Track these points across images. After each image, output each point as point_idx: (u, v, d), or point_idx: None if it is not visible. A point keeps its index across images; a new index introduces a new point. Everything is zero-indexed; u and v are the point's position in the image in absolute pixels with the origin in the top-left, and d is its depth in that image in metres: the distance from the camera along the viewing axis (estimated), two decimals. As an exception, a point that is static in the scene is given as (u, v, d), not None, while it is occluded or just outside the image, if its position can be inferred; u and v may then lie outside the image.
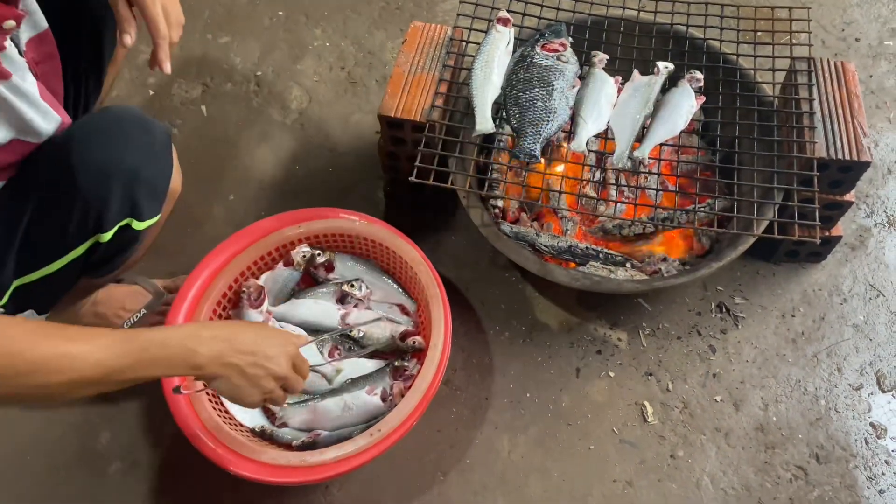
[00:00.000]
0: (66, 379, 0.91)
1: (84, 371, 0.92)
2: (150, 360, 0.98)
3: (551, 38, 1.52)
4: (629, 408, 1.53)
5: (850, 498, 1.43)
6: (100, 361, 0.93)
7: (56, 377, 0.90)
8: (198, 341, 1.03)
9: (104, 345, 0.94)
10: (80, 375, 0.92)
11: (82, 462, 1.47)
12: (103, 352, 0.93)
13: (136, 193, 1.14)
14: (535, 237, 1.59)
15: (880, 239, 1.78)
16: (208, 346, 1.03)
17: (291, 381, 1.16)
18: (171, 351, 1.00)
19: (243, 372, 1.07)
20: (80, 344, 0.93)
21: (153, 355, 0.98)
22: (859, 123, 1.47)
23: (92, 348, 0.93)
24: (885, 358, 1.60)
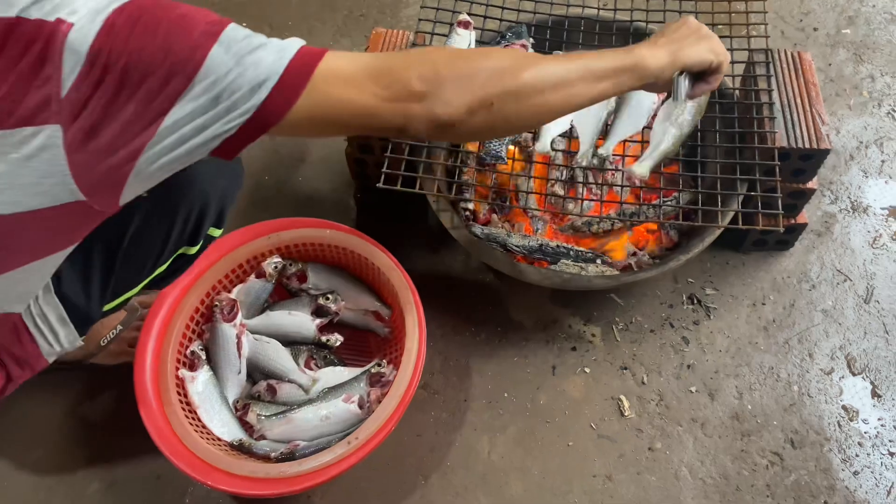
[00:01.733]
0: (589, 95, 0.98)
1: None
2: (643, 67, 1.02)
3: (512, 39, 1.54)
4: (606, 403, 1.55)
5: (826, 481, 1.46)
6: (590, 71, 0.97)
7: (583, 92, 0.96)
8: (644, 59, 1.03)
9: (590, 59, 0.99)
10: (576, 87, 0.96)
11: (62, 483, 1.46)
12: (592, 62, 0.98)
13: (225, 208, 1.27)
14: (507, 238, 1.60)
15: (845, 224, 1.81)
16: (654, 56, 1.04)
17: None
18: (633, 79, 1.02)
19: (694, 53, 1.08)
20: (594, 58, 0.98)
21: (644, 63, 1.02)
22: (818, 112, 1.50)
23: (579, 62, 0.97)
24: (854, 341, 1.63)
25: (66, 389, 1.55)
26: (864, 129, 1.99)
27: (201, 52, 0.76)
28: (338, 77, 0.83)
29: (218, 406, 1.41)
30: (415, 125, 0.87)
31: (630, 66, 1.00)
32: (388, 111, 0.86)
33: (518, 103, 0.91)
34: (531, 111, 0.93)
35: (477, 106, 0.87)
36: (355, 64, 0.85)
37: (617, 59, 0.99)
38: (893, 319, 1.66)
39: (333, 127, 0.88)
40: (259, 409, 1.42)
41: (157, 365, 1.38)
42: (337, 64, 0.83)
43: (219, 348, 1.45)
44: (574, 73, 0.95)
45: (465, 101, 0.87)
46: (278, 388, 1.46)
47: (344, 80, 0.83)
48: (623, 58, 1.00)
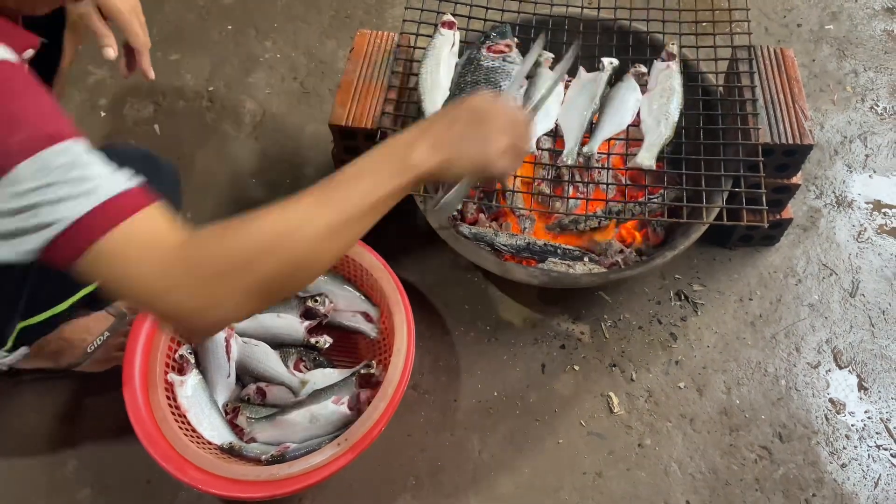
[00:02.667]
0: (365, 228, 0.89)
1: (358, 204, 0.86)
2: (415, 178, 0.91)
3: (497, 39, 1.54)
4: (595, 400, 1.55)
5: (814, 474, 1.47)
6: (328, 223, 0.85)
7: (357, 229, 0.88)
8: (414, 156, 0.91)
9: (367, 184, 0.88)
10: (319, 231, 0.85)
11: (52, 491, 1.45)
12: (327, 213, 0.86)
13: None
14: (494, 237, 1.60)
15: (830, 219, 1.82)
16: (426, 157, 0.92)
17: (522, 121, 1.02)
18: (394, 185, 0.89)
19: (477, 156, 0.96)
20: (358, 183, 0.88)
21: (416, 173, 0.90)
22: (801, 107, 1.51)
23: (356, 187, 0.87)
24: (840, 335, 1.64)
25: (54, 396, 1.54)
26: (848, 123, 2.00)
27: (11, 161, 0.74)
28: (126, 249, 0.78)
29: (207, 410, 1.40)
30: (185, 327, 0.85)
31: (407, 185, 0.90)
32: (163, 301, 0.80)
33: (294, 275, 0.85)
34: (310, 272, 0.89)
35: (251, 306, 0.83)
36: (151, 248, 0.79)
37: (391, 181, 0.89)
38: (879, 312, 1.67)
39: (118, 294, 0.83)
40: (249, 412, 1.42)
41: (146, 369, 1.38)
42: (138, 233, 0.78)
43: (208, 352, 1.45)
44: (346, 221, 0.86)
45: (237, 307, 0.81)
46: (268, 390, 1.46)
47: (129, 258, 0.78)
48: (398, 177, 0.89)
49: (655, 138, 1.42)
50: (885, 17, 2.25)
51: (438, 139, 0.93)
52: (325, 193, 0.86)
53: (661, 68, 1.51)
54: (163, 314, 0.81)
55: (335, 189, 0.87)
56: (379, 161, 0.91)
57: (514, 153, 0.99)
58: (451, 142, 0.94)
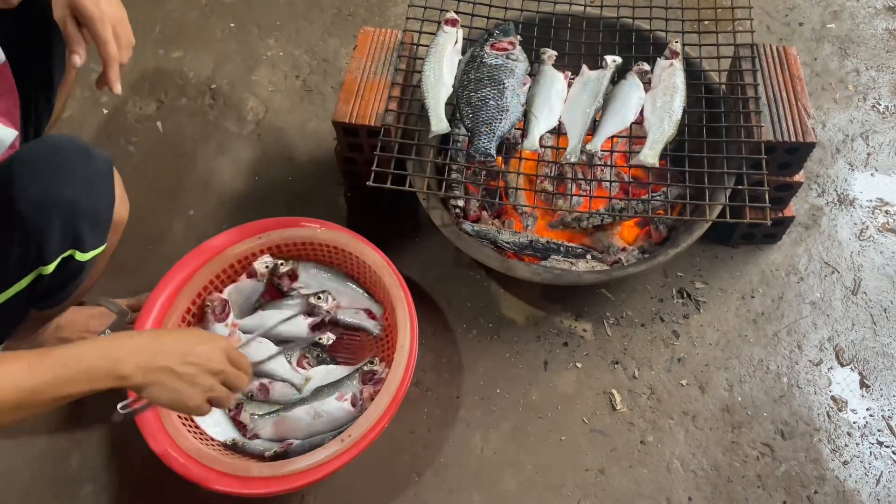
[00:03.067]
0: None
1: (3, 395, 0.88)
2: (70, 377, 0.93)
3: (500, 37, 1.54)
4: (598, 397, 1.56)
5: (816, 471, 1.47)
6: (16, 384, 0.89)
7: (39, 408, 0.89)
8: (119, 350, 0.97)
9: (19, 368, 0.90)
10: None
11: (54, 487, 1.45)
12: (18, 374, 0.90)
13: (78, 225, 1.11)
14: (497, 234, 1.60)
15: (832, 217, 1.82)
16: (131, 354, 0.98)
17: (231, 376, 1.08)
18: (91, 363, 0.94)
19: (175, 372, 1.01)
20: (64, 369, 0.91)
21: (71, 371, 0.93)
22: (803, 105, 1.51)
23: (5, 371, 0.89)
24: (842, 333, 1.64)
25: (57, 392, 1.54)
26: (850, 122, 2.00)
27: None
28: None
29: (211, 406, 1.40)
30: None
31: (99, 390, 0.96)
32: None
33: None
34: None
35: None
36: None
37: (89, 383, 0.95)
38: (881, 310, 1.67)
39: None
40: (252, 409, 1.42)
41: (149, 366, 1.38)
42: None
43: (211, 349, 1.45)
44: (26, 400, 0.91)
45: None
46: (271, 387, 1.46)
47: None
48: (97, 382, 0.96)
49: (658, 136, 1.43)
50: (887, 16, 2.25)
51: (151, 366, 1.00)
52: (30, 369, 0.91)
53: (665, 66, 1.51)
54: None
55: (37, 366, 0.92)
56: (90, 360, 0.95)
57: (217, 397, 1.06)
58: (159, 374, 1.00)
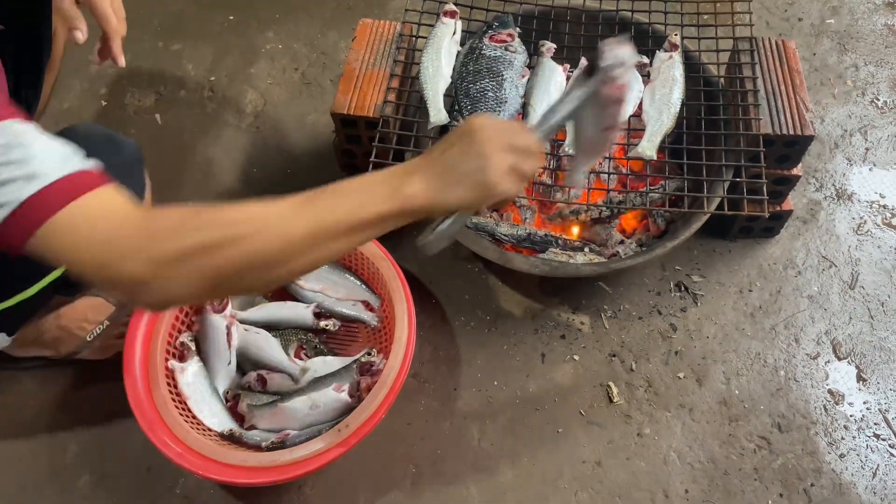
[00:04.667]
0: (345, 247, 0.86)
1: (295, 232, 0.82)
2: (404, 208, 0.86)
3: (499, 29, 1.54)
4: (595, 389, 1.56)
5: (813, 464, 1.47)
6: (309, 228, 0.83)
7: (335, 246, 0.84)
8: (408, 188, 0.87)
9: (313, 211, 0.84)
10: (294, 235, 0.82)
11: (52, 477, 1.45)
12: (313, 218, 0.83)
13: None
14: (495, 227, 1.60)
15: (830, 211, 1.82)
16: (422, 190, 0.88)
17: (523, 163, 0.92)
18: (381, 209, 0.86)
19: (473, 183, 0.89)
20: (345, 199, 0.85)
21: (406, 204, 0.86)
22: (802, 99, 1.51)
23: (295, 210, 0.83)
24: (839, 326, 1.64)
25: (54, 383, 1.55)
26: (849, 117, 2.01)
27: None
28: (77, 224, 0.77)
29: (208, 397, 1.41)
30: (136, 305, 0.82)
31: (395, 213, 0.86)
32: (115, 278, 0.78)
33: (255, 277, 0.82)
34: (272, 279, 0.84)
35: (200, 291, 0.80)
36: (107, 220, 0.78)
37: (379, 205, 0.86)
38: (878, 304, 1.67)
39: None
40: (249, 400, 1.42)
41: (146, 356, 1.38)
42: (89, 210, 0.77)
43: (209, 339, 1.45)
44: (322, 234, 0.83)
45: (190, 287, 0.79)
46: (268, 378, 1.46)
47: (80, 231, 0.77)
48: (386, 203, 0.86)
49: (657, 128, 1.43)
50: (886, 12, 2.25)
51: (434, 171, 0.89)
52: (309, 201, 0.83)
53: (664, 58, 1.51)
54: (110, 281, 0.78)
55: (320, 199, 0.84)
56: (372, 183, 0.88)
57: (517, 175, 0.91)
58: (444, 173, 0.89)
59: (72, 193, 0.76)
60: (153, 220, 0.79)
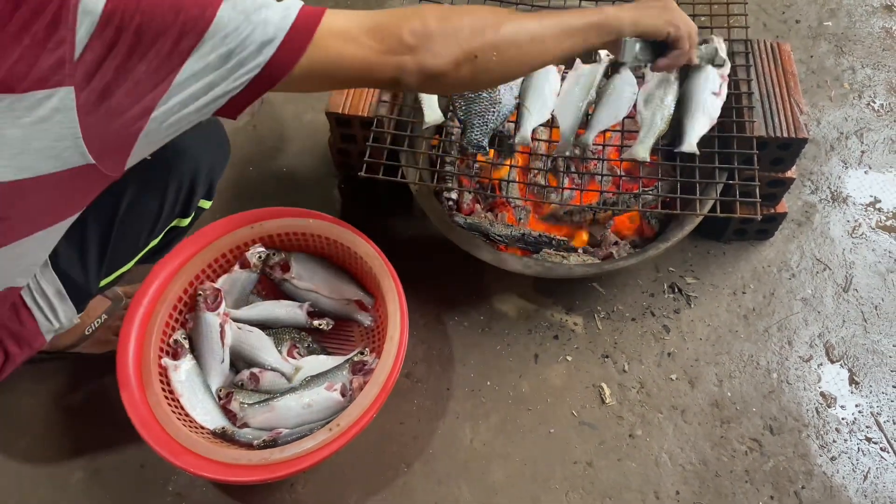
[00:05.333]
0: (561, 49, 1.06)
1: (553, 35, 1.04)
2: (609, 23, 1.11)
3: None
4: (587, 390, 1.56)
5: (804, 466, 1.47)
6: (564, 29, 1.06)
7: (556, 45, 1.04)
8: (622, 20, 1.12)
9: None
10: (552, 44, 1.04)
11: (46, 472, 1.46)
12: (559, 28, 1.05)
13: (214, 178, 1.32)
14: (489, 227, 1.61)
15: (825, 214, 1.82)
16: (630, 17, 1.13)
17: None
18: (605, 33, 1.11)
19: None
20: (564, 15, 1.07)
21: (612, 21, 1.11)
22: (796, 101, 1.51)
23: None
24: (832, 329, 1.65)
25: (50, 378, 1.55)
26: (845, 120, 2.01)
27: (211, 11, 0.79)
28: (337, 34, 0.88)
29: (201, 394, 1.41)
30: (407, 77, 0.93)
31: (597, 24, 1.08)
32: (383, 63, 0.92)
33: (499, 55, 0.97)
34: (510, 63, 1.00)
35: (462, 58, 0.94)
36: (352, 21, 0.90)
37: (587, 17, 1.08)
38: (872, 308, 1.68)
39: (333, 81, 0.95)
40: (242, 398, 1.43)
41: (140, 353, 1.38)
42: (336, 21, 0.88)
43: (202, 337, 1.46)
44: (549, 29, 1.03)
45: (451, 54, 0.94)
46: (261, 376, 1.46)
47: (343, 37, 0.89)
48: (592, 16, 1.09)
49: (651, 130, 1.43)
50: (884, 15, 2.25)
51: (634, 8, 1.15)
52: (539, 16, 1.05)
53: None
54: (386, 68, 0.92)
55: (546, 15, 1.05)
56: (589, 9, 1.12)
57: (684, 25, 1.20)
58: (642, 8, 1.16)
59: (315, 17, 0.87)
60: (423, 10, 0.95)
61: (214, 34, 0.80)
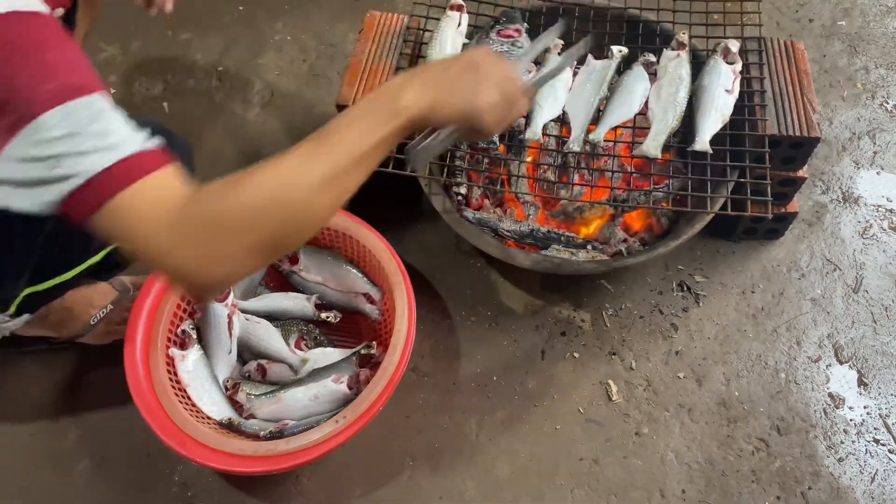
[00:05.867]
0: (360, 177, 0.88)
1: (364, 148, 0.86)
2: (406, 121, 0.90)
3: (506, 24, 1.54)
4: (594, 387, 1.56)
5: (811, 467, 1.47)
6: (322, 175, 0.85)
7: (353, 178, 0.87)
8: (403, 100, 0.90)
9: (316, 157, 0.85)
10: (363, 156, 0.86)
11: (51, 462, 1.47)
12: (319, 165, 0.85)
13: None
14: (498, 223, 1.60)
15: (836, 215, 1.81)
16: (415, 102, 0.91)
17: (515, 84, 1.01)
18: (385, 131, 0.88)
19: (466, 102, 0.95)
20: (349, 131, 0.87)
21: (407, 116, 0.90)
22: (809, 100, 1.50)
23: (302, 158, 0.85)
24: (842, 330, 1.64)
25: (56, 368, 1.56)
26: (857, 120, 1.99)
27: (39, 109, 0.75)
28: (140, 206, 0.78)
29: (208, 385, 1.41)
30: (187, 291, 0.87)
31: (398, 129, 0.90)
32: (168, 266, 0.81)
33: (296, 235, 0.87)
34: (310, 229, 0.89)
35: (254, 263, 0.84)
36: (165, 204, 0.79)
37: (382, 126, 0.88)
38: (882, 309, 1.67)
39: None
40: (249, 389, 1.43)
41: (147, 343, 1.38)
42: (152, 191, 0.79)
43: (210, 328, 1.46)
44: (338, 171, 0.84)
45: (242, 265, 0.83)
46: (268, 367, 1.47)
47: (142, 215, 0.78)
48: (389, 122, 0.88)
49: (662, 127, 1.42)
50: (899, 15, 2.24)
51: (429, 81, 0.93)
52: (317, 144, 0.85)
53: (671, 57, 1.51)
54: (169, 272, 0.82)
55: (326, 139, 0.85)
56: (369, 107, 0.90)
57: (502, 111, 0.98)
58: (441, 85, 0.93)
59: (139, 171, 0.78)
60: (195, 205, 0.80)
61: (32, 133, 0.75)
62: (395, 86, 0.92)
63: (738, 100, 1.52)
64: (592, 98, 1.47)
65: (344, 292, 1.57)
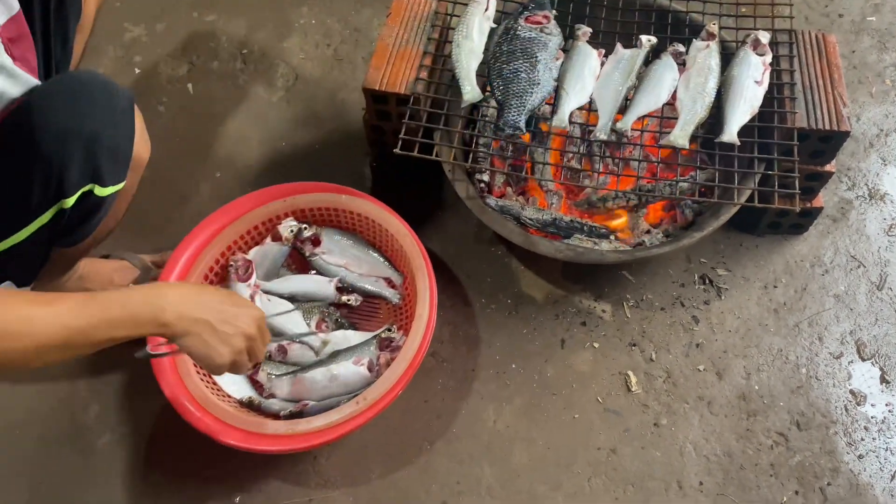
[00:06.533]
0: (31, 344, 0.90)
1: (47, 334, 0.91)
2: (114, 320, 0.95)
3: (535, 10, 1.53)
4: (613, 378, 1.55)
5: (830, 463, 1.46)
6: (63, 324, 0.92)
7: (19, 342, 0.89)
8: (164, 299, 1.00)
9: (66, 307, 0.92)
10: (45, 339, 0.91)
11: (72, 436, 1.48)
12: (65, 314, 0.92)
13: (98, 158, 1.10)
14: (520, 210, 1.60)
15: (861, 211, 1.79)
16: (175, 304, 1.00)
17: (258, 346, 1.12)
18: (136, 309, 0.97)
19: (213, 328, 1.04)
20: (41, 307, 0.92)
21: (116, 315, 0.95)
22: (839, 94, 1.49)
23: (53, 311, 0.92)
24: (864, 327, 1.62)
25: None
26: (886, 117, 1.97)
27: None
28: None
29: (229, 364, 1.42)
30: None
31: (140, 334, 0.99)
32: None
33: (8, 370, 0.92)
34: (11, 372, 0.97)
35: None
36: None
37: (136, 331, 0.98)
38: (906, 307, 1.65)
39: None
40: (270, 369, 1.44)
41: (170, 321, 1.39)
42: None
43: (231, 307, 1.46)
44: (76, 346, 0.94)
45: None
46: (289, 348, 1.47)
47: None
48: (141, 330, 0.99)
49: (690, 117, 1.41)
50: (930, 12, 2.20)
51: (193, 317, 1.02)
52: (76, 317, 0.93)
53: (701, 47, 1.49)
54: None
55: (85, 311, 0.94)
56: (133, 303, 0.98)
57: (240, 362, 1.09)
58: (198, 326, 1.03)
59: None
60: None
61: None
62: (156, 294, 1.01)
63: (766, 92, 1.51)
64: (620, 86, 1.46)
65: (365, 276, 1.58)
